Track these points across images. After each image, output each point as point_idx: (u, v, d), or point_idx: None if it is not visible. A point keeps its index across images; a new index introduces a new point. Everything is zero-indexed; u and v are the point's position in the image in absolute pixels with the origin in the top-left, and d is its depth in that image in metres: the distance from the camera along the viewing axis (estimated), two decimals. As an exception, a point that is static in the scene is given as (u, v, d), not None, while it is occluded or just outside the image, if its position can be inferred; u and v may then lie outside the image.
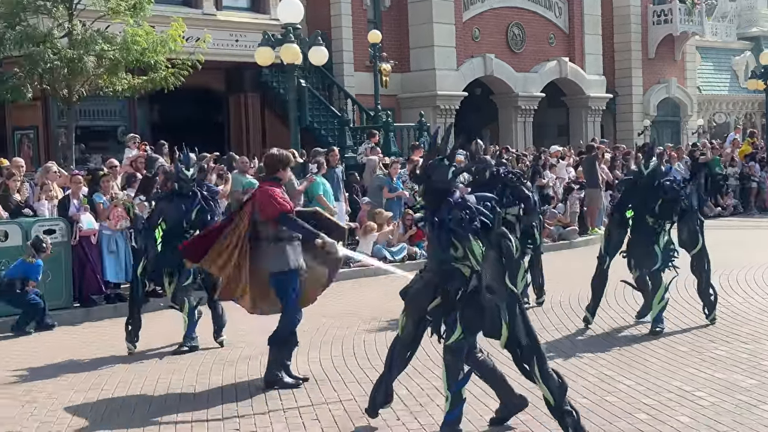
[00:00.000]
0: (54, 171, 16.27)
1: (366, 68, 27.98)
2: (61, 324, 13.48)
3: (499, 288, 6.88)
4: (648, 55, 37.80)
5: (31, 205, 15.18)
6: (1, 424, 8.64)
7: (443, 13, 29.92)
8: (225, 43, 25.12)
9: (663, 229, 10.99)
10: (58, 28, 19.90)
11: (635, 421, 7.71)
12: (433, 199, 7.12)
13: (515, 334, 6.99)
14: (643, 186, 11.07)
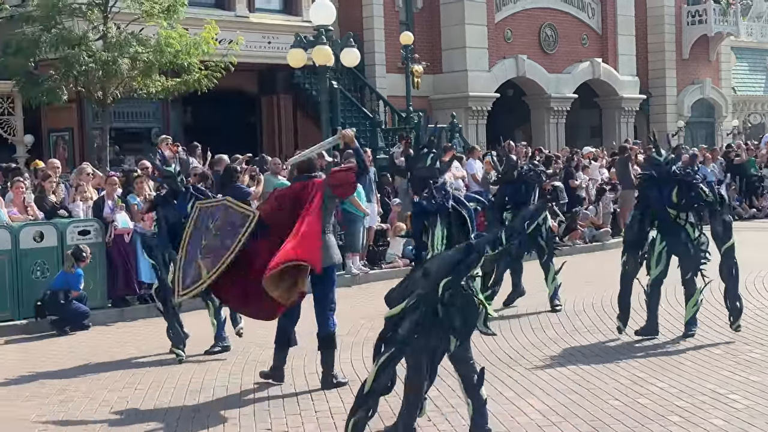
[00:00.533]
0: (89, 172, 16.39)
1: (398, 70, 27.99)
2: (96, 324, 13.59)
3: (434, 279, 6.60)
4: (682, 55, 37.56)
5: (66, 206, 15.28)
6: (37, 422, 8.73)
7: (475, 14, 29.87)
8: (257, 45, 25.17)
9: (689, 222, 10.75)
10: (93, 30, 20.03)
11: (668, 423, 7.67)
12: (419, 186, 7.17)
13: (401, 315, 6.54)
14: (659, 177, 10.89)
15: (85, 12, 20.03)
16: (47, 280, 13.79)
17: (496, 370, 9.76)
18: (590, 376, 9.37)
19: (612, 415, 7.96)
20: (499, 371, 9.74)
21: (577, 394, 8.70)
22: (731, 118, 40.07)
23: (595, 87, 34.07)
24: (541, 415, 8.07)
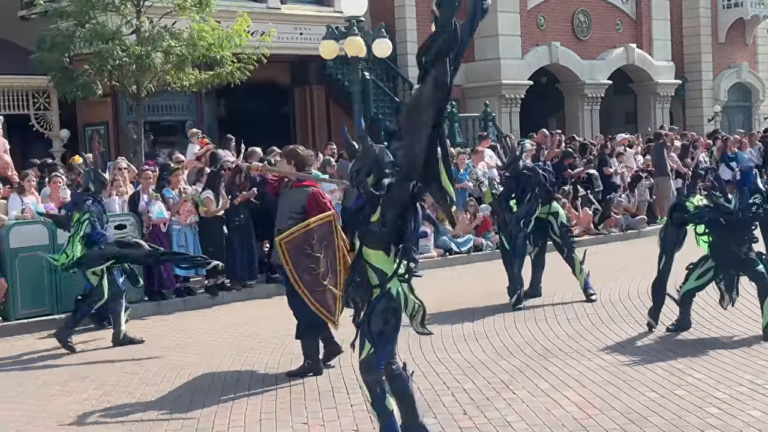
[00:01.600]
0: (123, 167, 16.46)
1: (430, 59, 27.94)
2: (132, 318, 13.66)
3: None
4: (718, 39, 37.23)
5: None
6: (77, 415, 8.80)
7: (508, 1, 29.73)
8: (289, 36, 25.20)
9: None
10: (126, 25, 20.11)
11: (705, 415, 7.63)
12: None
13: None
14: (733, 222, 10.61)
15: (119, 6, 20.10)
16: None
17: (532, 362, 9.79)
18: (626, 368, 9.35)
19: (649, 407, 7.93)
20: (534, 363, 9.76)
21: (614, 385, 8.68)
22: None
23: (630, 73, 33.87)
24: (577, 407, 8.05)
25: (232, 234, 15.37)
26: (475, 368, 9.68)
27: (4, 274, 13.26)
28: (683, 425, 7.37)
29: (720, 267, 10.64)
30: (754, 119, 38.22)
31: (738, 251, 10.51)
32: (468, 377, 9.31)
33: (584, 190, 20.90)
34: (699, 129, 33.00)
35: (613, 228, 20.86)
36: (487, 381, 9.12)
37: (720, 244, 10.63)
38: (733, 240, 10.52)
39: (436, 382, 9.13)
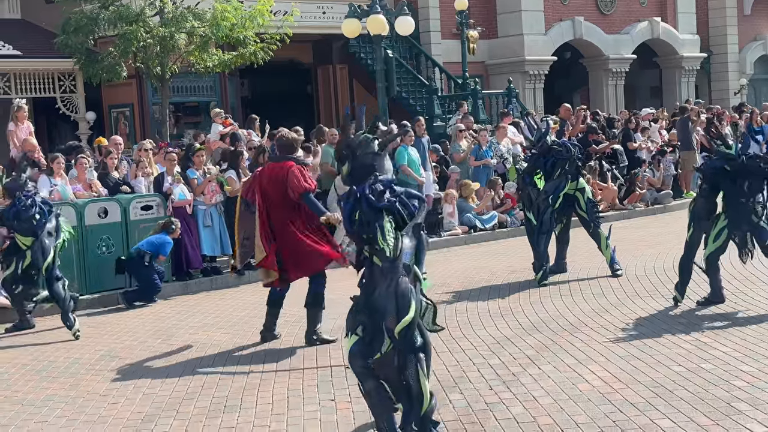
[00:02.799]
0: (149, 148, 16.55)
1: (453, 36, 27.88)
2: (161, 297, 13.79)
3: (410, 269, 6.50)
4: (744, 11, 37.00)
5: (129, 182, 15.48)
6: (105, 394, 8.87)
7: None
8: (312, 15, 25.18)
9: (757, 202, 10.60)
10: (150, 6, 20.18)
11: (732, 388, 7.61)
12: (361, 174, 6.72)
13: (414, 321, 6.39)
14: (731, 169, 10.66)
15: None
16: (112, 255, 14.00)
17: (557, 337, 9.81)
18: (652, 342, 9.34)
19: (675, 381, 7.92)
20: (560, 338, 9.78)
21: (639, 360, 8.68)
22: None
23: (655, 47, 33.70)
24: (602, 381, 8.05)
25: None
26: (500, 344, 9.70)
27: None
28: (710, 398, 7.36)
29: (732, 224, 10.63)
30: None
31: (746, 204, 10.53)
32: (494, 353, 9.33)
33: (609, 166, 20.86)
34: (725, 102, 32.86)
35: (639, 203, 20.80)
36: (513, 357, 9.14)
37: (730, 198, 10.65)
38: (741, 191, 10.53)
39: (462, 358, 9.16)
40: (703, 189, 11.22)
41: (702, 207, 10.95)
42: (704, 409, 7.16)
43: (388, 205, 6.49)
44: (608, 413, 7.22)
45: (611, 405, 7.40)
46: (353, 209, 6.56)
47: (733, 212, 10.63)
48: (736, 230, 10.62)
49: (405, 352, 6.37)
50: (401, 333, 6.28)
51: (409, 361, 6.37)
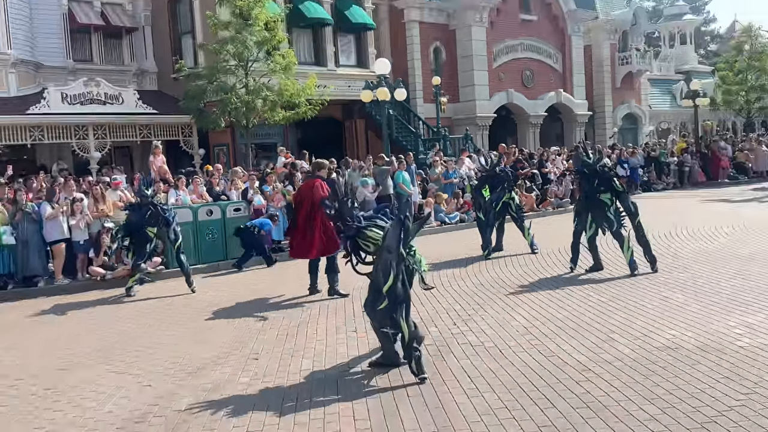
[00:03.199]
0: (239, 172, 16.65)
1: (431, 101, 27.83)
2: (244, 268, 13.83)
3: (396, 249, 6.46)
4: (615, 85, 36.97)
5: (226, 193, 15.57)
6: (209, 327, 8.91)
7: (480, 63, 29.64)
8: (341, 88, 25.21)
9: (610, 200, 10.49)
10: (239, 82, 20.27)
11: (607, 322, 7.64)
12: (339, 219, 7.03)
13: (395, 284, 6.40)
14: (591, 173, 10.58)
15: (234, 71, 20.28)
16: (216, 240, 14.06)
17: (497, 292, 9.81)
18: (557, 294, 9.38)
19: (570, 318, 7.97)
20: (498, 292, 9.79)
21: (549, 306, 8.73)
22: (648, 125, 39.45)
23: (559, 107, 33.65)
24: (526, 320, 8.11)
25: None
26: (460, 296, 9.74)
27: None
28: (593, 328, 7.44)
29: (595, 217, 10.58)
30: (639, 136, 37.89)
31: (601, 202, 10.44)
32: (456, 301, 9.38)
33: (530, 183, 20.87)
34: (603, 143, 32.79)
35: (549, 207, 20.80)
36: (468, 304, 9.18)
37: (591, 198, 10.57)
38: (594, 188, 10.46)
39: (436, 305, 9.21)
40: (580, 196, 11.28)
41: (581, 207, 11.02)
42: (590, 335, 7.24)
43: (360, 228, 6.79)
44: (530, 340, 7.31)
45: (531, 334, 7.49)
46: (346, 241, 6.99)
47: (594, 209, 10.61)
48: (599, 221, 10.58)
49: (390, 303, 6.42)
50: (387, 291, 6.38)
51: (394, 308, 6.43)
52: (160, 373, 7.00)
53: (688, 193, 24.04)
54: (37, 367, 7.57)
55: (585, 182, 10.76)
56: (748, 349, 6.41)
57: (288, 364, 7.03)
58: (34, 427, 5.76)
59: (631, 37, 37.74)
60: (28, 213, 12.51)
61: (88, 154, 21.38)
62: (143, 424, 5.65)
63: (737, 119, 41.28)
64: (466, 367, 6.50)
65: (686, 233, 14.11)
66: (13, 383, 7.03)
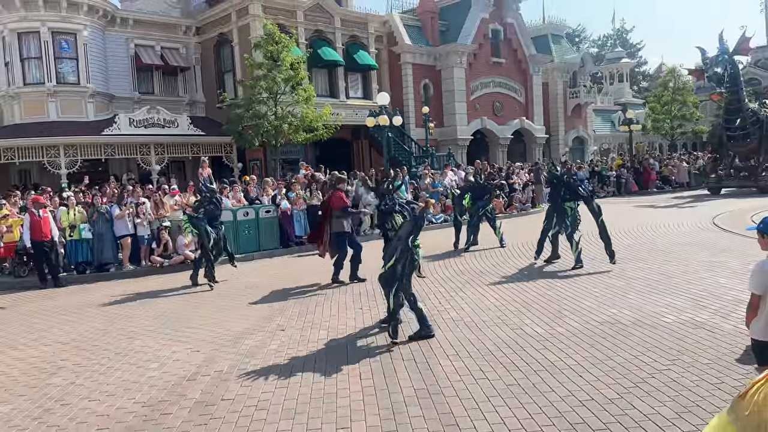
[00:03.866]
0: (269, 181, 16.58)
1: (421, 125, 27.71)
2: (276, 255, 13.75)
3: (405, 240, 6.44)
4: (567, 114, 36.82)
5: (259, 198, 15.52)
6: (252, 302, 8.85)
7: (460, 96, 29.54)
8: (351, 115, 25.19)
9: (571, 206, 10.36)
10: (269, 111, 20.24)
11: (560, 300, 7.57)
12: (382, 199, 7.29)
13: (395, 267, 6.35)
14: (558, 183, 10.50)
15: (266, 101, 20.25)
16: (251, 235, 14.02)
17: (474, 277, 9.77)
18: (523, 281, 9.34)
19: (534, 298, 7.93)
20: (475, 278, 9.74)
21: (517, 289, 8.70)
22: (593, 146, 39.34)
23: (522, 132, 33.49)
24: (497, 300, 8.09)
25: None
26: (444, 280, 9.72)
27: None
28: (550, 306, 7.40)
29: (558, 219, 10.44)
30: (586, 155, 37.76)
31: (563, 208, 10.32)
32: (440, 284, 9.35)
33: (499, 191, 20.82)
34: (558, 160, 32.67)
35: (514, 211, 20.76)
36: (451, 287, 9.16)
37: (556, 204, 10.47)
38: (561, 197, 10.36)
39: (425, 288, 9.18)
40: (548, 202, 11.18)
41: (551, 210, 10.84)
42: (548, 313, 7.21)
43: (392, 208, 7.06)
44: (499, 316, 7.28)
45: (501, 312, 7.46)
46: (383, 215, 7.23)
47: (558, 213, 10.51)
48: (561, 222, 10.46)
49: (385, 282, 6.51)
50: (388, 269, 6.42)
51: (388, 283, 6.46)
52: (205, 341, 6.98)
53: (624, 200, 24.01)
54: (110, 334, 7.55)
55: (554, 190, 10.62)
56: (673, 325, 6.40)
57: (308, 334, 7.01)
58: (106, 383, 5.75)
59: (580, 76, 37.61)
60: (102, 213, 12.56)
61: (150, 166, 21.34)
62: (193, 382, 5.63)
63: (663, 141, 41.26)
64: (449, 337, 6.49)
65: (623, 232, 14.10)
66: (91, 348, 7.01)
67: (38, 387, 5.73)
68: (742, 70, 41.17)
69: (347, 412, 4.68)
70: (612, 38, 62.35)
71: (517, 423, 4.29)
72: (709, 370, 5.05)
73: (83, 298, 10.31)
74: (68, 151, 20.04)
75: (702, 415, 4.18)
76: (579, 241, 10.15)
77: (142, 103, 22.86)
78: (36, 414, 5.06)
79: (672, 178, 28.29)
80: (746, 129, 22.28)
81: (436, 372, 5.46)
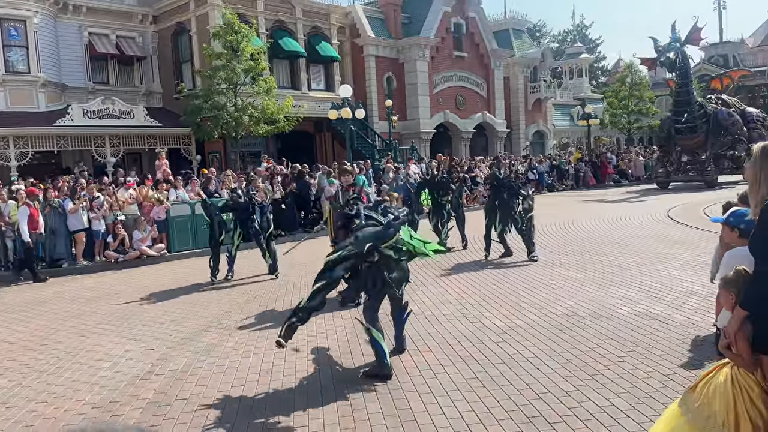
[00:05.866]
0: (229, 175, 16.29)
1: (384, 119, 27.75)
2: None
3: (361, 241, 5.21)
4: (528, 108, 37.29)
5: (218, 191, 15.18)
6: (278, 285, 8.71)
7: (423, 90, 29.63)
8: (312, 108, 24.99)
9: (516, 203, 10.31)
10: (229, 101, 19.90)
11: (517, 288, 7.67)
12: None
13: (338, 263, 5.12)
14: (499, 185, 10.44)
15: (225, 92, 19.91)
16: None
17: (432, 273, 9.74)
18: (482, 274, 9.40)
19: (491, 285, 7.98)
20: (432, 273, 9.75)
21: (476, 283, 8.72)
22: (552, 140, 39.98)
23: (484, 125, 33.82)
24: (458, 294, 8.08)
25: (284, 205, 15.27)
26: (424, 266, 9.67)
27: (167, 230, 13.14)
28: (510, 297, 7.47)
29: (503, 216, 10.39)
30: (546, 148, 38.38)
31: (509, 205, 10.28)
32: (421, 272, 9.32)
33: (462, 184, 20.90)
34: (518, 153, 33.16)
35: (476, 204, 20.92)
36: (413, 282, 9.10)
37: (500, 202, 10.41)
38: (504, 197, 10.35)
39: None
40: (488, 198, 11.03)
41: (489, 208, 10.81)
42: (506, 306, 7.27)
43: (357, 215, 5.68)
44: (459, 309, 7.29)
45: (461, 305, 7.45)
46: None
47: (502, 210, 10.42)
48: (506, 219, 10.37)
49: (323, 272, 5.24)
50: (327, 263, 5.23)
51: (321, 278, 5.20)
52: (160, 339, 6.80)
53: (581, 193, 24.45)
54: (60, 333, 7.29)
55: (495, 191, 10.65)
56: (627, 316, 6.51)
57: (267, 331, 6.89)
58: (54, 384, 5.54)
59: (540, 71, 38.15)
60: (55, 207, 12.13)
61: (104, 159, 20.74)
62: (147, 381, 5.47)
63: (620, 135, 42.23)
64: (410, 332, 6.45)
65: (579, 225, 14.34)
66: (39, 347, 6.75)
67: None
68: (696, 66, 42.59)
69: (305, 409, 4.61)
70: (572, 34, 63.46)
71: (475, 417, 4.29)
72: (662, 361, 5.15)
73: (33, 294, 9.94)
74: (18, 142, 19.31)
75: (655, 406, 4.26)
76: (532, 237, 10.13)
77: (97, 93, 22.17)
78: (-22, 418, 4.83)
79: (629, 171, 28.97)
80: (694, 123, 22.31)
81: (396, 366, 5.43)
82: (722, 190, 19.01)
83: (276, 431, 4.27)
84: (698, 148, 23.01)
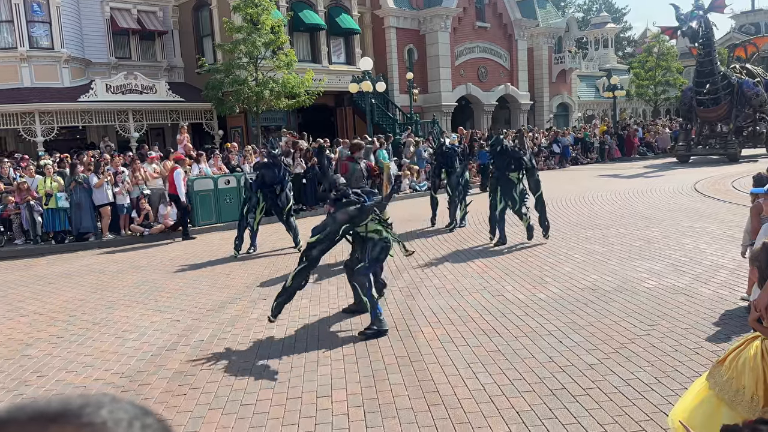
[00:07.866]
0: (249, 149, 16.34)
1: (405, 92, 27.45)
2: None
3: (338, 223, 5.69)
4: (552, 80, 36.61)
5: (240, 166, 15.27)
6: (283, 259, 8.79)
7: (445, 62, 29.21)
8: (333, 81, 24.79)
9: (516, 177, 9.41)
10: (250, 76, 19.83)
11: (526, 264, 7.61)
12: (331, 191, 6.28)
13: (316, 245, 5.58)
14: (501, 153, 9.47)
15: (246, 67, 19.82)
16: (232, 204, 13.85)
17: (453, 246, 9.73)
18: (503, 248, 9.35)
19: (522, 266, 7.94)
20: (454, 246, 9.72)
21: (498, 257, 8.69)
22: (577, 112, 39.29)
23: (507, 98, 33.33)
24: (479, 267, 8.04)
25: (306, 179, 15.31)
26: (425, 247, 9.68)
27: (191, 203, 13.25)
28: (533, 270, 7.40)
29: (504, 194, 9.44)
30: (570, 121, 37.79)
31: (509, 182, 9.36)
32: (424, 253, 9.31)
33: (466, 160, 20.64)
34: (542, 126, 32.65)
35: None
36: (434, 255, 9.13)
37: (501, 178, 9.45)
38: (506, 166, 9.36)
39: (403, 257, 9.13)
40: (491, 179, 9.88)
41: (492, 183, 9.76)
42: (529, 279, 7.22)
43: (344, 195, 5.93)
44: (481, 282, 7.26)
45: (483, 278, 7.43)
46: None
47: (503, 188, 9.41)
48: (506, 198, 9.42)
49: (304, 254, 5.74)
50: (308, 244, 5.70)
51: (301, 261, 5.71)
52: (185, 311, 6.90)
53: (609, 165, 24.06)
54: (88, 304, 7.44)
55: (499, 160, 9.52)
56: (653, 290, 6.43)
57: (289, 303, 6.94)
58: (84, 354, 5.67)
59: (565, 42, 37.32)
60: (80, 182, 12.29)
61: (128, 133, 20.92)
62: (173, 351, 5.57)
63: (647, 107, 41.32)
64: (431, 305, 6.47)
65: (603, 198, 14.15)
66: (68, 318, 6.90)
67: (14, 359, 5.63)
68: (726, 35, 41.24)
69: (328, 381, 4.65)
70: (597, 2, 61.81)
71: (497, 389, 4.28)
72: (688, 335, 5.07)
73: (61, 268, 10.14)
74: (44, 118, 19.55)
75: (680, 380, 4.21)
76: (527, 213, 9.53)
77: (119, 68, 22.28)
78: (11, 386, 4.97)
79: (655, 143, 28.39)
80: (717, 94, 21.18)
81: (417, 339, 5.44)
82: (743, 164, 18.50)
83: (300, 401, 4.32)
84: (721, 120, 22.08)
